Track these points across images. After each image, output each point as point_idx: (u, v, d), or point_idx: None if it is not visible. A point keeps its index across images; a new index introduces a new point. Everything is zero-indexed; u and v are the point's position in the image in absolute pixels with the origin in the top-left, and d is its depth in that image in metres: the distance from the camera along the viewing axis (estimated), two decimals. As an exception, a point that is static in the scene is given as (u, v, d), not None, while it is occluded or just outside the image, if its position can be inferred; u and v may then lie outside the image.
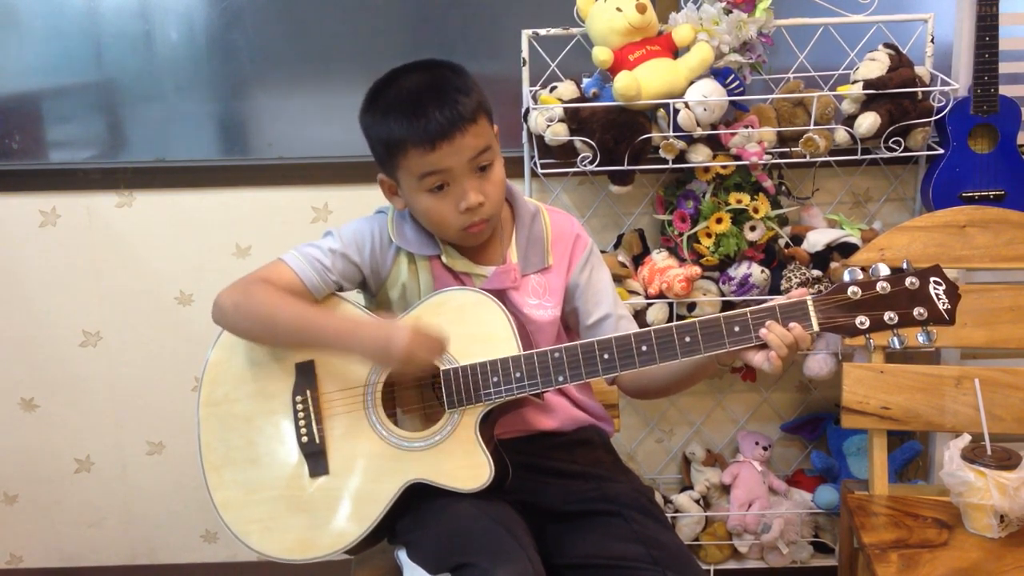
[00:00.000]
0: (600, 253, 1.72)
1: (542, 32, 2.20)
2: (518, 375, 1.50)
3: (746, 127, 2.14)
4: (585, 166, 2.12)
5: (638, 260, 2.29)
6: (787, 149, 2.21)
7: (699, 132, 2.09)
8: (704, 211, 2.18)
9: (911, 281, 1.43)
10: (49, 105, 2.51)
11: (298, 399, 1.57)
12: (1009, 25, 2.19)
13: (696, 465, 2.46)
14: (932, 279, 1.43)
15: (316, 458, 1.56)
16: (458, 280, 1.61)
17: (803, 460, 2.53)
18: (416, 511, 1.54)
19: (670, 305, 2.23)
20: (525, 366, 1.50)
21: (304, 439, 1.56)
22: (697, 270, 2.18)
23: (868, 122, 2.09)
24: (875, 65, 2.13)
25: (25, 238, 2.43)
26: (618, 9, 2.08)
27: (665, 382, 1.62)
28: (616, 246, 2.32)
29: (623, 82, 2.04)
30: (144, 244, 2.44)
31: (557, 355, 1.49)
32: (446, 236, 1.58)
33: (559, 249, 1.65)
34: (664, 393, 1.71)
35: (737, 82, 2.11)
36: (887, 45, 2.18)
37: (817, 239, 2.22)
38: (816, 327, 1.44)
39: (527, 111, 2.19)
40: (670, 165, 2.14)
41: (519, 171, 2.28)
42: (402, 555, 1.58)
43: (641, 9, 2.07)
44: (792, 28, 2.21)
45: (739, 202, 2.17)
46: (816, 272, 2.19)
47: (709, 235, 2.19)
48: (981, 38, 2.11)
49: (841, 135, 2.16)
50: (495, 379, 1.50)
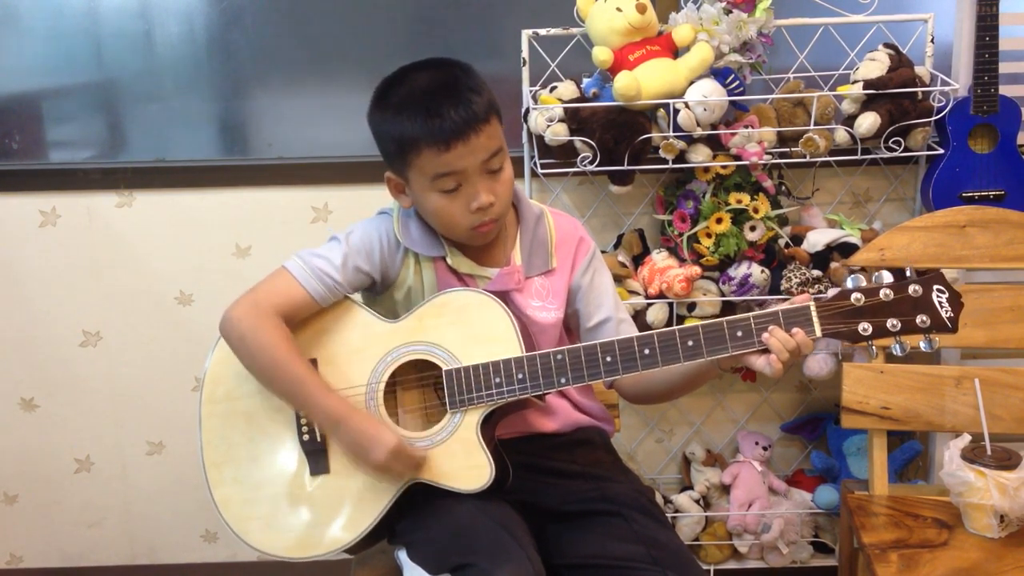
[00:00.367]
0: (602, 256, 1.72)
1: (542, 32, 2.20)
2: (520, 376, 1.50)
3: (746, 127, 2.14)
4: (585, 166, 2.12)
5: (638, 260, 2.29)
6: (787, 149, 2.22)
7: (699, 132, 2.09)
8: (704, 211, 2.19)
9: (914, 289, 1.43)
10: (49, 105, 2.50)
11: (299, 398, 1.57)
12: (1009, 25, 2.19)
13: (696, 465, 2.46)
14: (935, 287, 1.44)
15: (317, 457, 1.56)
16: (462, 281, 1.61)
17: (803, 460, 2.53)
18: (416, 511, 1.54)
19: (670, 305, 2.23)
20: (527, 368, 1.50)
21: (305, 437, 1.56)
22: (697, 270, 2.18)
23: (868, 122, 2.09)
24: (875, 65, 2.13)
25: (25, 238, 2.43)
26: (618, 9, 2.08)
27: (665, 387, 1.62)
28: (616, 246, 2.32)
29: (623, 82, 2.04)
30: (144, 244, 2.44)
31: (559, 357, 1.49)
32: (454, 235, 1.58)
33: (563, 252, 1.65)
34: (663, 399, 1.71)
35: (737, 82, 2.11)
36: (887, 45, 2.18)
37: (817, 239, 2.22)
38: (819, 333, 1.44)
39: (527, 111, 2.19)
40: (670, 165, 2.14)
41: (519, 171, 2.28)
42: (402, 555, 1.58)
43: (641, 9, 2.07)
44: (792, 28, 2.21)
45: (739, 202, 2.17)
46: (816, 272, 2.19)
47: (709, 235, 2.19)
48: (981, 38, 2.12)
49: (841, 135, 2.16)
50: (497, 380, 1.50)
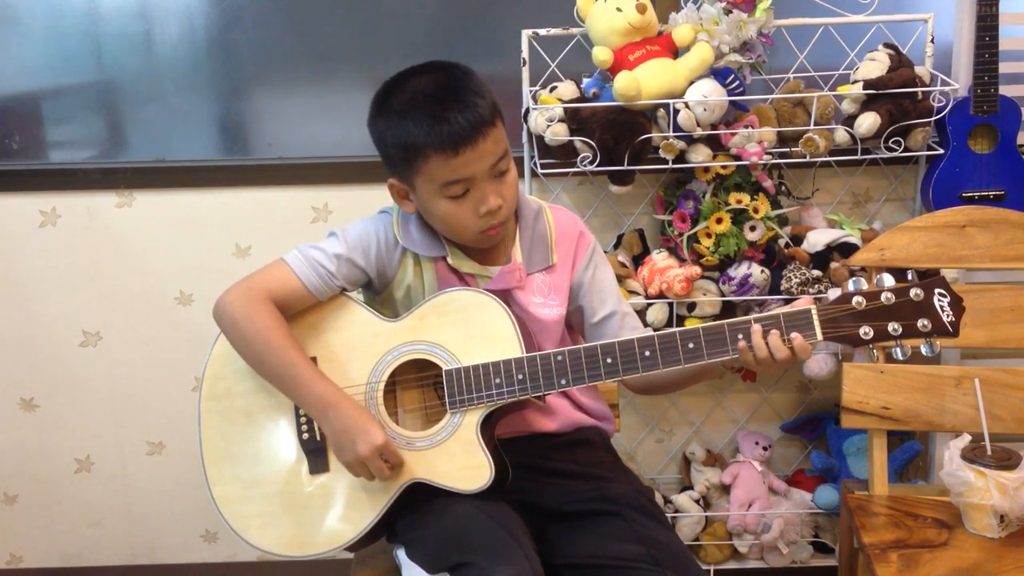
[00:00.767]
0: (603, 251, 1.72)
1: (542, 32, 2.20)
2: (520, 377, 1.50)
3: (746, 127, 2.14)
4: (585, 166, 2.12)
5: (638, 260, 2.29)
6: (787, 149, 2.21)
7: (699, 132, 2.09)
8: (704, 211, 2.18)
9: (916, 292, 1.43)
10: (49, 105, 2.51)
11: (299, 398, 1.57)
12: (1009, 25, 2.19)
13: (696, 465, 2.46)
14: (937, 291, 1.44)
15: (316, 455, 1.56)
16: (463, 281, 1.61)
17: (803, 460, 2.53)
18: (416, 511, 1.54)
19: (670, 305, 2.23)
20: (528, 368, 1.50)
21: (305, 436, 1.56)
22: (697, 270, 2.18)
23: (868, 122, 2.09)
24: (875, 65, 2.13)
25: (25, 238, 2.43)
26: (618, 9, 2.08)
27: (670, 381, 1.62)
28: (616, 246, 2.32)
29: (623, 82, 2.04)
30: (144, 244, 2.44)
31: (560, 358, 1.49)
32: (462, 239, 1.57)
33: (563, 247, 1.65)
34: (668, 391, 1.72)
35: (737, 82, 2.11)
36: (887, 45, 2.18)
37: (817, 239, 2.22)
38: (820, 336, 1.44)
39: (527, 111, 2.19)
40: (670, 165, 2.14)
41: (519, 171, 2.28)
42: (401, 554, 1.58)
43: (641, 9, 2.07)
44: (792, 28, 2.21)
45: (739, 202, 2.17)
46: (816, 272, 2.19)
47: (709, 235, 2.19)
48: (981, 38, 2.11)
49: (841, 135, 2.16)
50: (497, 381, 1.50)
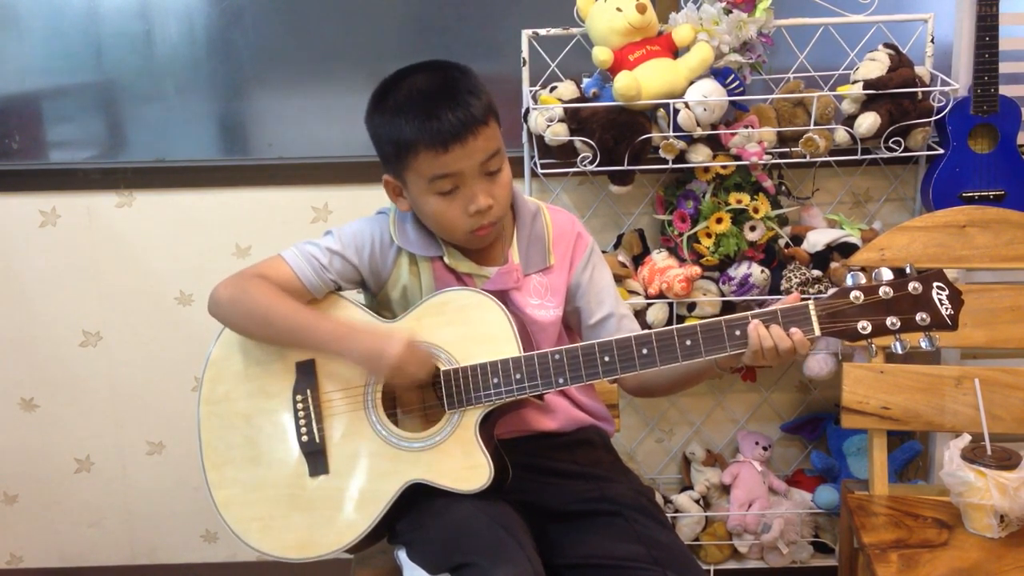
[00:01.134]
0: (601, 252, 1.72)
1: (542, 32, 2.20)
2: (518, 376, 1.50)
3: (746, 127, 2.14)
4: (585, 166, 2.12)
5: (638, 260, 2.29)
6: (787, 149, 2.21)
7: (699, 132, 2.09)
8: (704, 211, 2.18)
9: (914, 286, 1.43)
10: (49, 105, 2.51)
11: (298, 398, 1.57)
12: (1009, 25, 2.19)
13: (696, 465, 2.46)
14: (935, 284, 1.43)
15: (316, 457, 1.56)
16: (460, 281, 1.61)
17: (803, 460, 2.53)
18: (416, 511, 1.54)
19: (670, 305, 2.23)
20: (525, 367, 1.50)
21: (304, 438, 1.56)
22: (697, 270, 2.18)
23: (868, 122, 2.09)
24: (875, 65, 2.13)
25: (25, 238, 2.43)
26: (618, 9, 2.08)
27: (667, 382, 1.62)
28: (616, 246, 2.32)
29: (623, 82, 2.04)
30: (144, 244, 2.44)
31: (557, 357, 1.49)
32: (453, 238, 1.58)
33: (560, 248, 1.65)
34: (666, 392, 1.71)
35: (737, 82, 2.11)
36: (887, 45, 2.18)
37: (817, 239, 2.22)
38: (818, 332, 1.44)
39: (527, 111, 2.19)
40: (670, 165, 2.14)
41: (519, 171, 2.28)
42: (402, 555, 1.58)
43: (641, 9, 2.07)
44: (792, 28, 2.21)
45: (739, 202, 2.17)
46: (816, 272, 2.19)
47: (709, 235, 2.19)
48: (981, 38, 2.11)
49: (841, 135, 2.16)
50: (495, 380, 1.50)
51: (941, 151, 2.19)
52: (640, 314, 2.21)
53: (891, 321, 1.43)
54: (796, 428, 2.48)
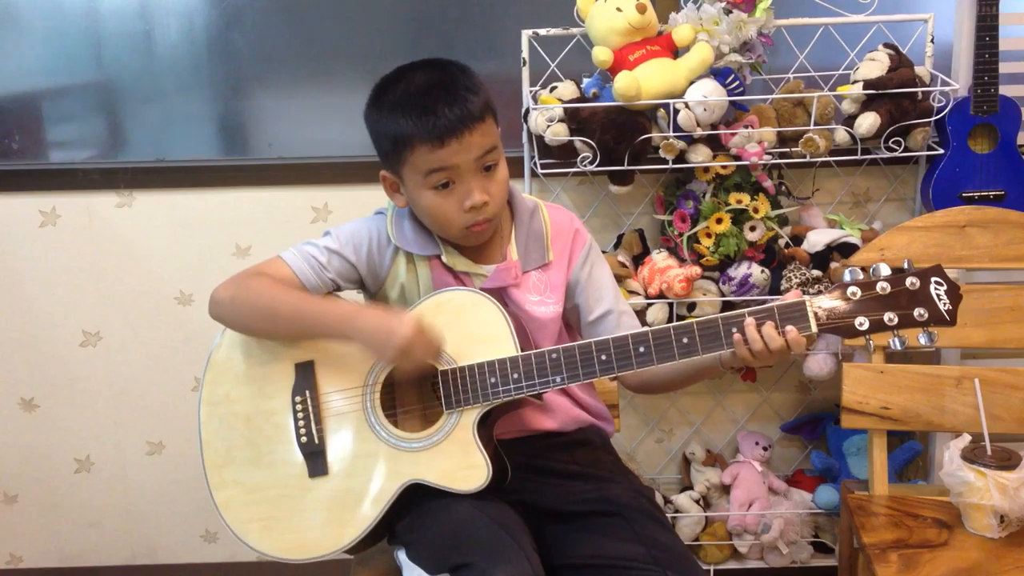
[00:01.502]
0: (600, 250, 1.72)
1: (542, 32, 2.20)
2: (516, 376, 1.50)
3: (746, 127, 2.14)
4: (585, 166, 2.12)
5: (638, 260, 2.29)
6: (787, 149, 2.21)
7: (699, 132, 2.09)
8: (704, 211, 2.18)
9: (911, 281, 1.42)
10: (49, 105, 2.51)
11: (297, 399, 1.57)
12: (1009, 25, 2.19)
13: (696, 465, 2.46)
14: (933, 279, 1.42)
15: (315, 458, 1.56)
16: (458, 280, 1.61)
17: (803, 460, 2.52)
18: (415, 511, 1.54)
19: (670, 305, 2.22)
20: (523, 367, 1.50)
21: (303, 439, 1.56)
22: (697, 270, 2.18)
23: (868, 122, 2.09)
24: (875, 65, 2.13)
25: (25, 238, 2.43)
26: (618, 9, 2.07)
27: (668, 379, 1.62)
28: (616, 246, 2.32)
29: (623, 82, 2.04)
30: (144, 244, 2.44)
31: (555, 356, 1.49)
32: (448, 235, 1.58)
33: (559, 245, 1.65)
34: (668, 389, 1.71)
35: (737, 82, 2.11)
36: (887, 45, 2.18)
37: (817, 239, 2.22)
38: (815, 329, 1.43)
39: (527, 111, 2.19)
40: (670, 165, 2.14)
41: (519, 171, 2.28)
42: (401, 555, 1.58)
43: (641, 9, 2.07)
44: (792, 28, 2.21)
45: (739, 202, 2.17)
46: (816, 272, 2.19)
47: (709, 235, 2.19)
48: (981, 38, 2.11)
49: (841, 135, 2.15)
50: (493, 380, 1.50)
51: (941, 151, 2.19)
52: (640, 314, 2.21)
53: (889, 317, 1.42)
54: (796, 428, 2.48)
